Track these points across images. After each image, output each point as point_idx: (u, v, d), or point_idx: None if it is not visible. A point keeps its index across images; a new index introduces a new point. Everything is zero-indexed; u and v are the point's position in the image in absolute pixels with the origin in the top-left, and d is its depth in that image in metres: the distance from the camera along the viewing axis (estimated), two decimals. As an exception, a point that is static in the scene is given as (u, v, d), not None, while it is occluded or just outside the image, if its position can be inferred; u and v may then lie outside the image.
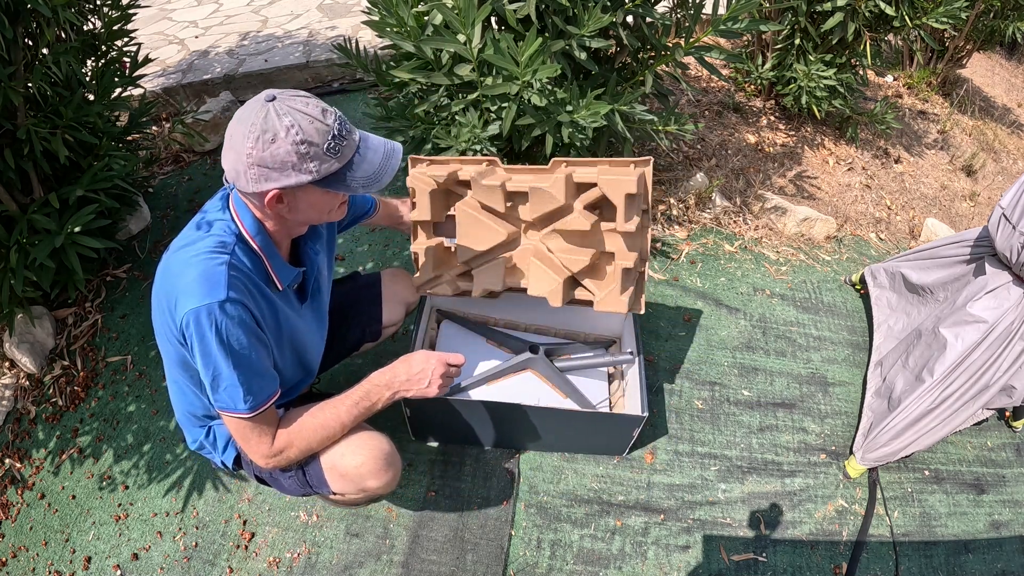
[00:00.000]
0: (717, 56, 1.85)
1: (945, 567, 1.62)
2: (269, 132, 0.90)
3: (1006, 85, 5.12)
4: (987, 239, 1.68)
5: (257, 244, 1.06)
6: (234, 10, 4.33)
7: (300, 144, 0.91)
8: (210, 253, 1.00)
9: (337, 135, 0.95)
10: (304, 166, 0.93)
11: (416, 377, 1.18)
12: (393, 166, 1.03)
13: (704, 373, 1.94)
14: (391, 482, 1.24)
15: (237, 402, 1.03)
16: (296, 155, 0.92)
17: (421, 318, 1.69)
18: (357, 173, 0.99)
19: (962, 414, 1.65)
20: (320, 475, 1.20)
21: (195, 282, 0.97)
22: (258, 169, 0.93)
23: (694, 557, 1.55)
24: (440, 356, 1.20)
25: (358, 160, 0.99)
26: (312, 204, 1.02)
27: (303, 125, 0.91)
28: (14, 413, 1.87)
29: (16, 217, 1.76)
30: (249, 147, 0.91)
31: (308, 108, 0.93)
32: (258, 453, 1.11)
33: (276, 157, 0.91)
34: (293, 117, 0.91)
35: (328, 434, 1.15)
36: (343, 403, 1.16)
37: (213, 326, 0.97)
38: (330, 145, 0.94)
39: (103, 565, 1.53)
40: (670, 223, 2.43)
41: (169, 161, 2.75)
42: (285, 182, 0.94)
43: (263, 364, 1.07)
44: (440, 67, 1.79)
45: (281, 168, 0.92)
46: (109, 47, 2.13)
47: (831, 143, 3.06)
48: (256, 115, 0.91)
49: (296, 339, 1.22)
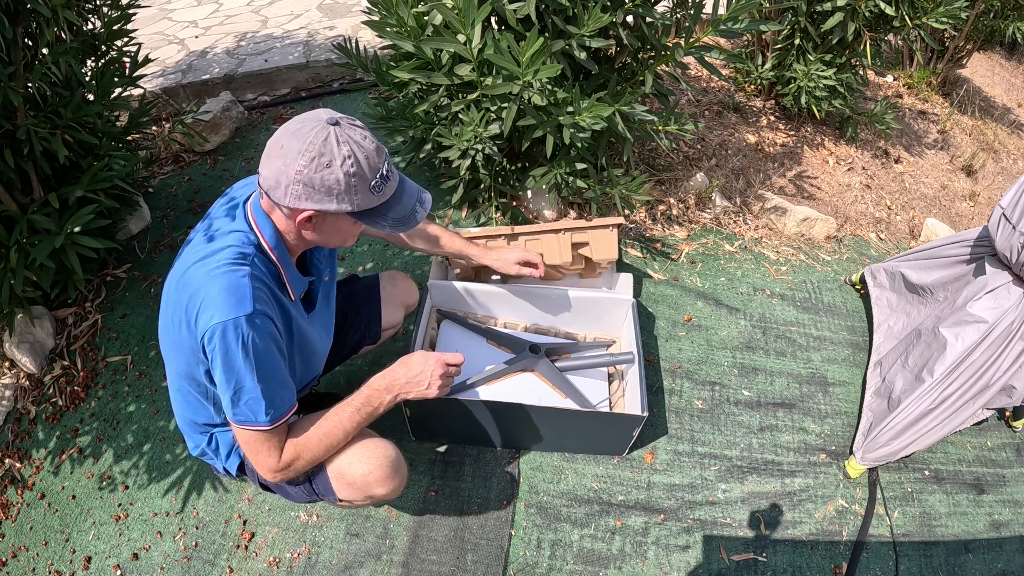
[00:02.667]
0: (717, 56, 1.84)
1: (945, 567, 1.62)
2: (326, 156, 0.92)
3: (1006, 85, 5.12)
4: (987, 239, 1.68)
5: (276, 255, 1.06)
6: (234, 10, 4.33)
7: (352, 177, 0.94)
8: (231, 265, 0.99)
9: (384, 175, 0.98)
10: (348, 197, 0.95)
11: (415, 379, 1.18)
12: (423, 213, 1.07)
13: (704, 373, 1.94)
14: (398, 488, 1.24)
15: (258, 415, 1.02)
16: (345, 185, 0.94)
17: (421, 318, 1.68)
18: (390, 213, 1.03)
19: (962, 414, 1.65)
20: (327, 484, 1.20)
21: (220, 296, 0.96)
22: (303, 187, 0.94)
23: (694, 557, 1.55)
24: (439, 356, 1.20)
25: (394, 201, 1.03)
26: (338, 230, 1.04)
27: (359, 158, 0.94)
28: (14, 413, 1.87)
29: (16, 217, 1.76)
30: (302, 164, 0.92)
31: (365, 143, 0.95)
32: (266, 467, 1.09)
33: (325, 182, 0.93)
34: (351, 148, 0.93)
35: (333, 443, 1.14)
36: (345, 411, 1.15)
37: (240, 340, 0.97)
38: (376, 183, 0.97)
39: (103, 565, 1.53)
40: (670, 223, 2.43)
41: (169, 161, 2.75)
42: (325, 207, 0.95)
43: (284, 376, 1.07)
44: (440, 67, 1.79)
45: (327, 193, 0.94)
46: (109, 47, 2.13)
47: (831, 143, 3.06)
48: (316, 135, 0.92)
49: (305, 347, 1.22)
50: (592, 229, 1.84)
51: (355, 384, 1.20)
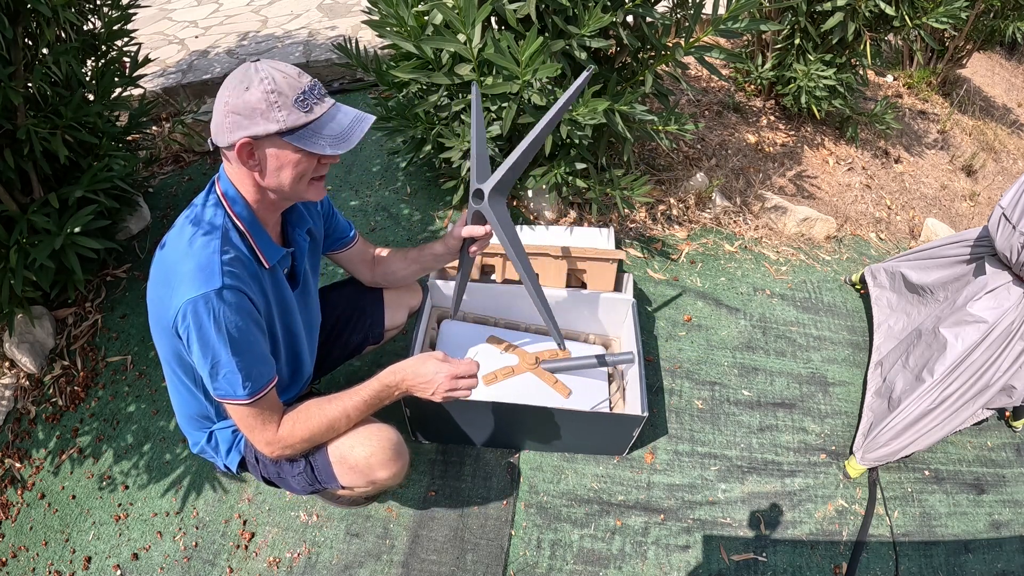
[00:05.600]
0: (717, 56, 1.84)
1: (945, 567, 1.62)
2: (244, 82, 0.96)
3: (1006, 85, 5.12)
4: (987, 239, 1.68)
5: (236, 214, 1.06)
6: (234, 10, 4.33)
7: (270, 93, 0.95)
8: (201, 241, 1.01)
9: (308, 91, 0.99)
10: (271, 114, 0.96)
11: (423, 384, 1.18)
12: (362, 129, 1.04)
13: (704, 373, 1.94)
14: (400, 472, 1.24)
15: (236, 388, 1.03)
16: (265, 103, 0.95)
17: (421, 318, 1.68)
18: (324, 131, 1.01)
19: (962, 414, 1.65)
20: (329, 469, 1.20)
21: (190, 274, 0.98)
22: (232, 117, 0.96)
23: (694, 557, 1.55)
24: (451, 370, 1.17)
25: (326, 119, 1.02)
26: (282, 163, 1.02)
27: (276, 78, 0.96)
28: (14, 413, 1.87)
29: (16, 217, 1.76)
30: (226, 96, 0.96)
31: (286, 69, 0.98)
32: (263, 440, 1.11)
33: (248, 103, 0.95)
34: (269, 72, 0.96)
35: (333, 426, 1.15)
36: (351, 399, 1.17)
37: (211, 314, 0.97)
38: (299, 98, 0.98)
39: (103, 565, 1.53)
40: (670, 223, 2.43)
41: (169, 161, 2.75)
42: (254, 129, 0.96)
43: (261, 349, 1.07)
44: (440, 67, 1.79)
45: (250, 115, 0.96)
46: (109, 47, 2.13)
47: (831, 143, 3.06)
48: (238, 71, 0.98)
49: (288, 321, 1.22)
50: (592, 260, 1.82)
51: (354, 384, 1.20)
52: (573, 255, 1.81)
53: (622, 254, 1.83)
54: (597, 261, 1.82)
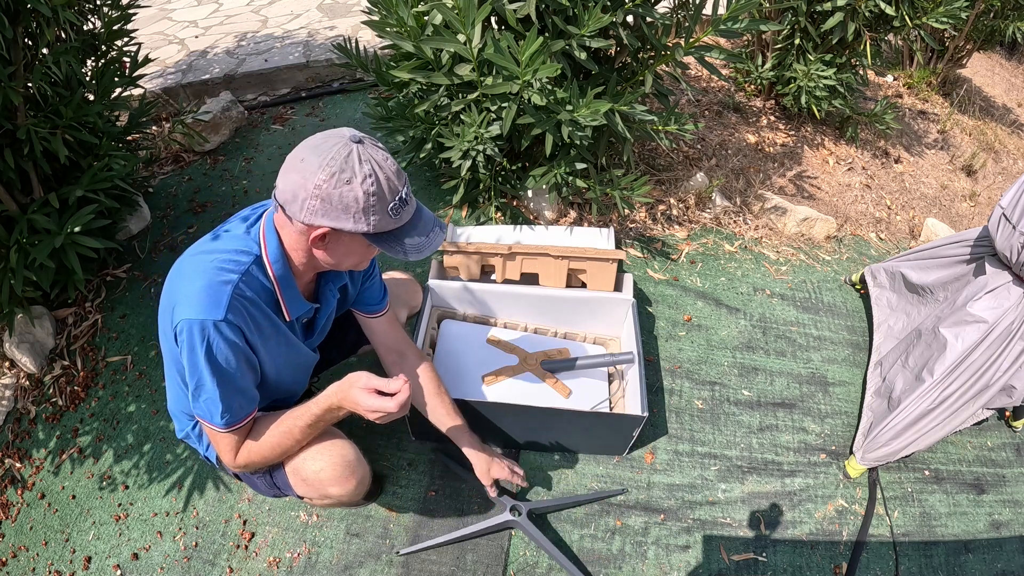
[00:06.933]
0: (717, 56, 1.84)
1: (945, 567, 1.62)
2: (347, 173, 0.90)
3: (1006, 85, 5.12)
4: (987, 239, 1.68)
5: (274, 271, 1.05)
6: (234, 10, 4.33)
7: (371, 196, 0.92)
8: (220, 268, 1.00)
9: (403, 199, 0.97)
10: (366, 217, 0.94)
11: (352, 408, 1.08)
12: (437, 243, 1.05)
13: (704, 373, 1.94)
14: (354, 490, 1.24)
15: (214, 416, 1.05)
16: (364, 204, 0.92)
17: (421, 318, 1.68)
18: (406, 239, 1.00)
19: (962, 414, 1.65)
20: (284, 479, 1.23)
21: (197, 293, 0.97)
22: (321, 203, 0.92)
23: (694, 557, 1.55)
24: (366, 383, 1.04)
25: (408, 227, 1.01)
26: (350, 251, 1.02)
27: (380, 178, 0.93)
28: (14, 413, 1.87)
29: (16, 217, 1.76)
30: (321, 179, 0.90)
31: (387, 164, 0.95)
32: (225, 460, 1.16)
33: (344, 199, 0.91)
34: (373, 167, 0.92)
35: (283, 450, 1.16)
36: (296, 423, 1.13)
37: (204, 342, 0.97)
38: (395, 206, 0.96)
39: (103, 565, 1.53)
40: (670, 223, 2.43)
41: (169, 161, 2.75)
42: (342, 225, 0.94)
43: (246, 385, 1.08)
44: (440, 67, 1.79)
45: (344, 211, 0.92)
46: (109, 47, 2.12)
47: (831, 143, 3.06)
48: (339, 151, 0.91)
49: (290, 364, 1.21)
50: (592, 260, 1.82)
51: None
52: (573, 255, 1.81)
53: (622, 254, 1.83)
54: (597, 261, 1.82)
